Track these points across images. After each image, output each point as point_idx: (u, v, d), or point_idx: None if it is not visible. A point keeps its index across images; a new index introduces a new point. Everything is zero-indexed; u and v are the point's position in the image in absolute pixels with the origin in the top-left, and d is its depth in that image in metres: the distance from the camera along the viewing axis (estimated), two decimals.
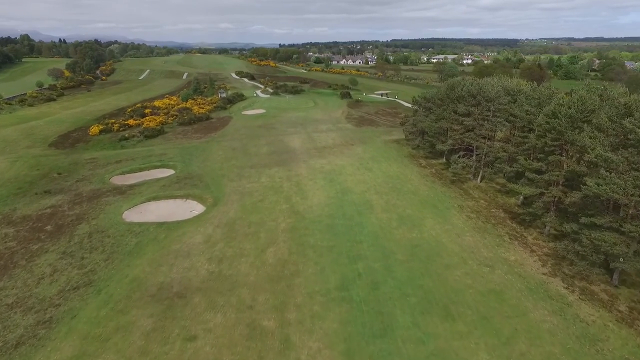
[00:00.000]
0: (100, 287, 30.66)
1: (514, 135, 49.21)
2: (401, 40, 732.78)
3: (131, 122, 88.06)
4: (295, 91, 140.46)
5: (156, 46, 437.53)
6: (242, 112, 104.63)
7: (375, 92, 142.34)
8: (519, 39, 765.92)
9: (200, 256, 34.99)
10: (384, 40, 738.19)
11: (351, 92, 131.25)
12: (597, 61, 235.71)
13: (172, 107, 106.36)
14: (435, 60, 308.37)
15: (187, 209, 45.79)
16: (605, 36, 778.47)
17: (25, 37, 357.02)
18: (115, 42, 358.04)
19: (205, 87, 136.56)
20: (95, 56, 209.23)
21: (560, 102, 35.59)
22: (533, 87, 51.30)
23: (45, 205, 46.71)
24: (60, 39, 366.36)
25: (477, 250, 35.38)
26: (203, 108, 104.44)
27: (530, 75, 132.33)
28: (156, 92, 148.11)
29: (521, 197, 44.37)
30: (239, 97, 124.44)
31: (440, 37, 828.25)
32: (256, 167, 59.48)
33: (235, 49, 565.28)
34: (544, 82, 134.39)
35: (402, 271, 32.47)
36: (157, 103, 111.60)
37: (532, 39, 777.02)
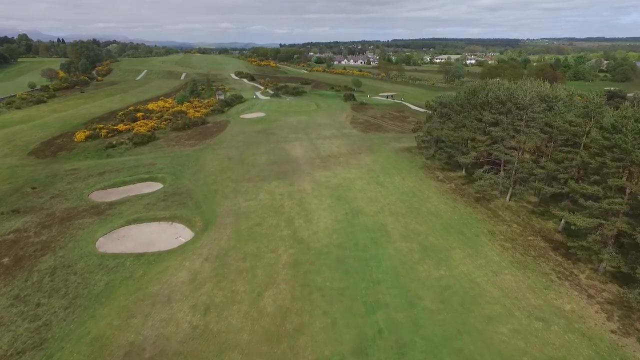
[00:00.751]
0: (52, 351, 23.96)
1: (548, 147, 42.47)
2: (402, 40, 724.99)
3: (121, 127, 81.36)
4: (297, 93, 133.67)
5: (156, 46, 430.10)
6: (241, 116, 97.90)
7: (380, 94, 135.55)
8: (520, 39, 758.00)
9: (183, 302, 28.29)
10: (385, 40, 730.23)
11: (355, 94, 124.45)
12: (605, 62, 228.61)
13: (167, 110, 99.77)
14: (438, 61, 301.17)
15: (172, 234, 39.08)
16: (607, 36, 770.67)
17: (24, 37, 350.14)
18: (114, 41, 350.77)
19: (202, 89, 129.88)
20: (92, 56, 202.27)
21: (625, 113, 28.83)
22: (570, 93, 44.53)
23: (9, 229, 39.98)
24: (58, 39, 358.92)
25: (522, 296, 28.66)
26: (199, 111, 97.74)
27: (542, 76, 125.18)
28: (152, 93, 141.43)
29: (562, 222, 37.67)
30: (237, 100, 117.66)
31: (441, 37, 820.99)
32: (254, 180, 52.77)
33: (235, 49, 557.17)
34: (557, 84, 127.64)
35: (434, 326, 25.75)
36: (150, 106, 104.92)
37: (533, 39, 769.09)
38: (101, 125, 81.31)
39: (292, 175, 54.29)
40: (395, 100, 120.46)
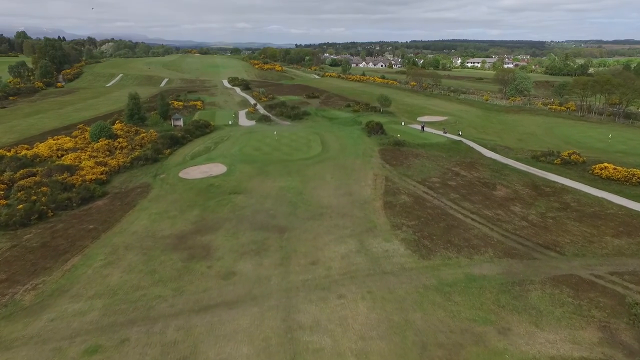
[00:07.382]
0: None
1: None
2: (421, 41, 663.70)
3: None
4: (296, 115, 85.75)
5: (162, 45, 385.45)
6: (181, 173, 50.85)
7: (419, 119, 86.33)
8: (544, 41, 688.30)
9: None
10: (403, 41, 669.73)
11: (382, 120, 75.84)
12: None
13: (59, 158, 53.73)
14: (470, 65, 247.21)
15: None
16: (636, 38, 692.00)
17: (21, 34, 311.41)
18: (112, 39, 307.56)
19: (151, 110, 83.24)
20: (59, 56, 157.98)
21: None
22: None
23: None
24: (58, 37, 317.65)
25: None
26: (106, 164, 51.02)
27: None
28: (103, 108, 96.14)
29: None
30: (199, 130, 70.81)
31: (461, 38, 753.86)
32: None
33: (250, 49, 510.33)
34: None
35: None
36: (42, 147, 58.85)
37: (558, 41, 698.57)
38: None
39: None
40: (447, 135, 71.19)
